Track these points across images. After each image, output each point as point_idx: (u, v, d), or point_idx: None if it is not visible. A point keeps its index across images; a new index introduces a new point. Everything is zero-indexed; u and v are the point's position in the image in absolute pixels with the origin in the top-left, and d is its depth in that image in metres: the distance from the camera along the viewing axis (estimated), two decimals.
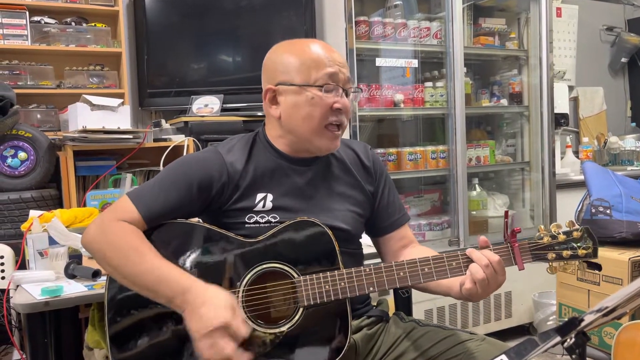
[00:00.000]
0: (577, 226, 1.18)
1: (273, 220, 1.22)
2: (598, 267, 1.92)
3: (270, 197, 1.24)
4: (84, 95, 2.27)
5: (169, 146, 2.27)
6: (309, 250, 1.18)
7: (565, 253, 1.16)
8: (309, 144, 1.25)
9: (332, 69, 1.23)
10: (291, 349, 1.14)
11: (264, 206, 1.23)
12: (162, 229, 1.20)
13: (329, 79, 1.22)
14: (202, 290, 1.08)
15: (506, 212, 1.20)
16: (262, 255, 1.17)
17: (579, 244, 1.16)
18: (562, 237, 1.17)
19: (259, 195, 1.24)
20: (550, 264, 1.18)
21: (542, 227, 1.19)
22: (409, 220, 1.44)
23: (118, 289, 1.17)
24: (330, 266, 1.17)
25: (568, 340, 0.72)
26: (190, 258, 1.17)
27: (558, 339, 0.72)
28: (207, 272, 1.16)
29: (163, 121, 2.57)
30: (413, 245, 1.40)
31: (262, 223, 1.22)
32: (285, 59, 1.26)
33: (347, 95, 1.27)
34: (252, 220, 1.23)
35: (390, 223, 1.39)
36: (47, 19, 2.55)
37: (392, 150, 2.82)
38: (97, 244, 1.16)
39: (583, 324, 0.71)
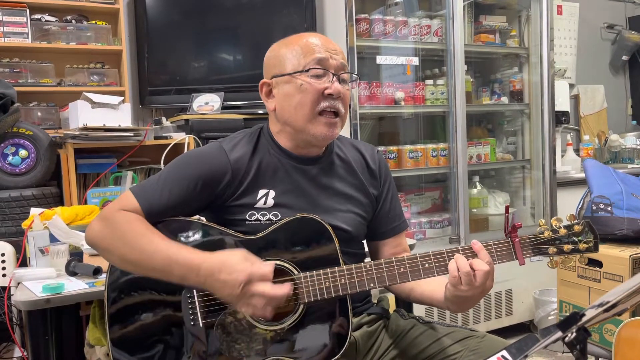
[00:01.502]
0: (577, 220, 1.17)
1: (274, 218, 1.22)
2: (599, 264, 1.92)
3: (272, 193, 1.24)
4: (84, 93, 2.27)
5: (170, 144, 2.27)
6: (309, 246, 1.18)
7: (566, 247, 1.16)
8: (306, 134, 1.24)
9: (320, 55, 1.22)
10: (292, 346, 1.14)
11: (265, 203, 1.23)
12: (162, 226, 1.19)
13: (317, 64, 1.21)
14: (213, 259, 1.08)
15: (507, 207, 1.19)
16: (262, 251, 1.17)
17: (579, 238, 1.16)
18: (563, 231, 1.16)
19: (261, 192, 1.24)
20: (551, 258, 1.17)
21: (543, 221, 1.19)
22: (407, 228, 1.43)
23: (118, 286, 1.17)
24: (330, 263, 1.17)
25: (569, 335, 0.72)
26: None
27: (559, 334, 0.72)
28: None
29: (164, 119, 2.58)
30: (407, 254, 1.39)
31: (263, 221, 1.22)
32: (279, 52, 1.27)
33: (342, 82, 1.25)
34: (253, 218, 1.22)
35: (389, 229, 1.38)
36: (47, 17, 2.55)
37: (393, 148, 2.82)
38: (102, 235, 1.16)
39: (584, 319, 0.71)
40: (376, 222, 1.37)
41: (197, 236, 1.19)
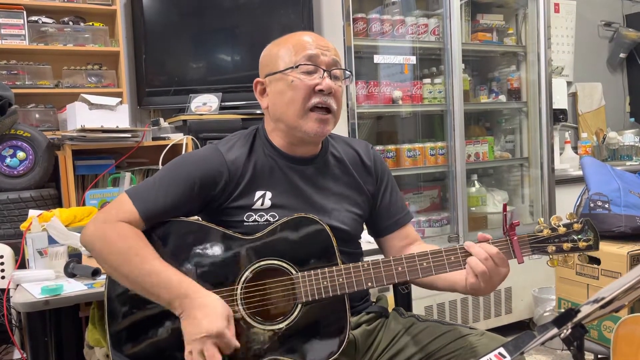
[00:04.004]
0: (577, 218, 1.17)
1: (272, 219, 1.22)
2: (597, 261, 1.93)
3: (269, 194, 1.24)
4: (82, 95, 2.27)
5: (168, 145, 2.27)
6: (307, 246, 1.18)
7: (566, 245, 1.15)
8: (298, 131, 1.24)
9: (311, 51, 1.23)
10: (290, 346, 1.14)
11: (262, 204, 1.23)
12: (161, 227, 1.20)
13: (307, 61, 1.22)
14: (202, 295, 1.09)
15: (504, 206, 1.19)
16: (261, 252, 1.17)
17: (579, 236, 1.15)
18: (562, 230, 1.16)
19: (258, 193, 1.24)
20: (551, 257, 1.17)
21: (542, 220, 1.19)
22: (412, 219, 1.43)
23: (118, 287, 1.17)
24: (328, 262, 1.17)
25: (565, 332, 0.72)
26: (188, 256, 1.17)
27: (555, 331, 0.72)
28: (206, 270, 1.16)
29: (162, 120, 2.57)
30: (418, 243, 1.40)
31: (261, 222, 1.22)
32: (272, 51, 1.29)
33: (335, 78, 1.25)
34: (250, 219, 1.23)
35: (392, 223, 1.38)
36: (44, 19, 2.55)
37: (391, 147, 2.82)
38: (97, 244, 1.16)
39: (580, 315, 0.71)
40: (378, 217, 1.38)
41: (197, 236, 1.19)
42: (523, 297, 2.95)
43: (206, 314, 1.06)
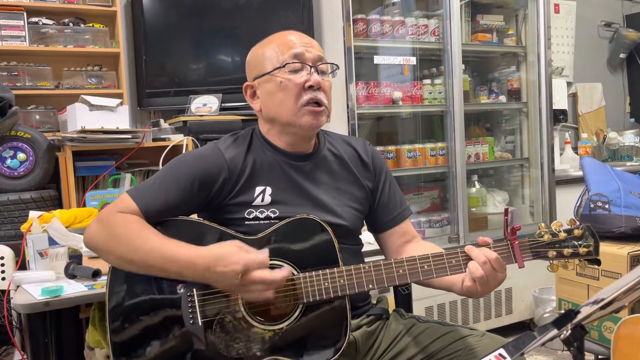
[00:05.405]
0: (578, 224, 1.17)
1: (272, 215, 1.23)
2: (597, 262, 1.93)
3: (269, 190, 1.25)
4: (82, 96, 2.27)
5: (168, 146, 2.27)
6: (309, 247, 1.18)
7: (566, 251, 1.16)
8: (293, 127, 1.26)
9: (297, 50, 1.25)
10: (290, 346, 1.14)
11: (262, 200, 1.24)
12: (162, 226, 1.20)
13: (294, 59, 1.24)
14: (208, 253, 1.10)
15: (506, 210, 1.19)
16: None
17: (580, 242, 1.16)
18: (563, 235, 1.16)
19: (258, 189, 1.25)
20: (551, 262, 1.17)
21: (543, 224, 1.19)
22: (411, 214, 1.44)
23: (119, 288, 1.17)
24: (329, 263, 1.17)
25: (564, 333, 0.72)
26: None
27: (555, 331, 0.72)
28: None
29: (162, 121, 2.57)
30: (416, 240, 1.41)
31: (262, 219, 1.23)
32: (257, 53, 1.31)
33: (322, 73, 1.27)
34: (251, 216, 1.23)
35: (391, 219, 1.40)
36: (44, 20, 2.55)
37: (391, 147, 2.82)
38: (101, 236, 1.17)
39: (579, 316, 0.71)
40: (377, 213, 1.39)
41: (198, 236, 1.19)
42: (523, 297, 2.95)
43: (224, 262, 1.07)
